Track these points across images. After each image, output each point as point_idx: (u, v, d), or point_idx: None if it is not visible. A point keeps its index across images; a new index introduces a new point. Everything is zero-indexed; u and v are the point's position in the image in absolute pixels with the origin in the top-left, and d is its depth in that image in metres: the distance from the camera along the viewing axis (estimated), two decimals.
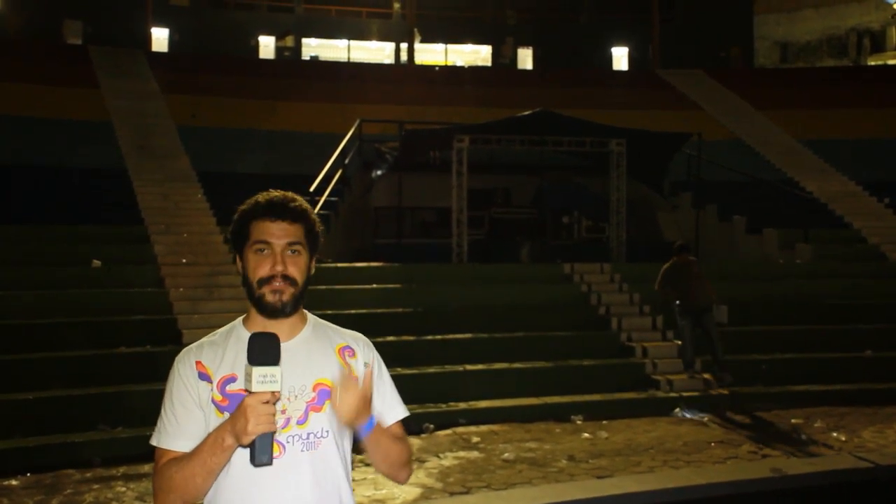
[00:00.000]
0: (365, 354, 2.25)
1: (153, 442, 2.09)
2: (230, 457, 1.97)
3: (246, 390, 1.91)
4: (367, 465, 2.20)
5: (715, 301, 10.58)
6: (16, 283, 10.37)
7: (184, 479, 1.98)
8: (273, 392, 1.89)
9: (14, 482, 7.20)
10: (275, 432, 1.93)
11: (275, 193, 2.15)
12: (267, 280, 2.09)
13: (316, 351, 2.17)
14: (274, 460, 1.95)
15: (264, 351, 1.92)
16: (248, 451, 1.93)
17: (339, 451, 2.13)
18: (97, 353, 9.30)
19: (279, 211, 2.11)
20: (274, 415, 1.90)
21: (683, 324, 10.54)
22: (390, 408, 2.30)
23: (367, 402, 2.06)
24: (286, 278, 2.09)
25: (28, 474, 7.36)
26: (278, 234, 2.10)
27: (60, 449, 7.78)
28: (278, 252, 2.09)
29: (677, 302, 10.55)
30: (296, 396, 2.08)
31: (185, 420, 2.07)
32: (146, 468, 7.38)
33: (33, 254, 11.42)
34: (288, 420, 2.05)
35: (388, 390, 2.30)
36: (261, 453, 1.91)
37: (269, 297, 2.09)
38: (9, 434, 7.89)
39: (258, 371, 1.88)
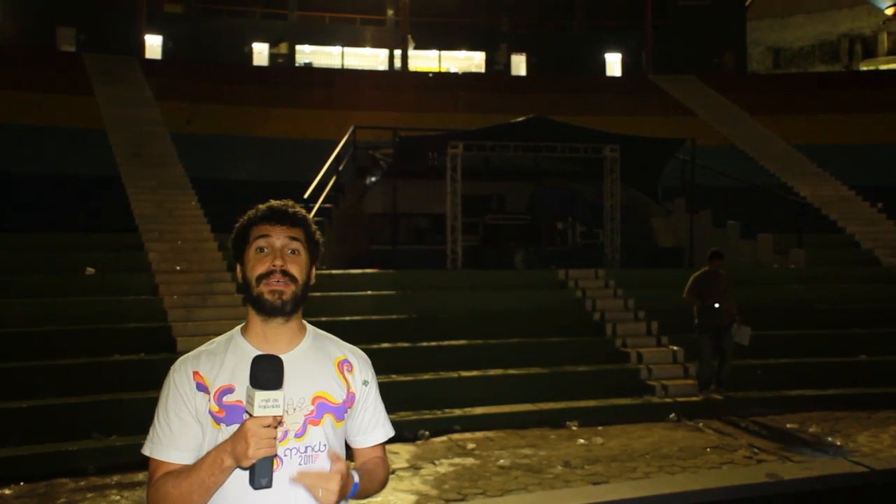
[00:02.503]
0: (363, 372, 2.24)
1: (145, 451, 2.06)
2: (228, 476, 1.95)
3: (247, 413, 1.89)
4: None
5: (737, 320, 10.23)
6: (9, 291, 10.34)
7: (180, 496, 1.95)
8: (275, 416, 1.87)
9: (7, 491, 7.16)
10: (275, 455, 1.91)
11: (275, 202, 2.19)
12: (266, 275, 2.09)
13: (315, 363, 2.15)
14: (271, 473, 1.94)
15: (267, 374, 1.89)
16: (247, 471, 1.92)
17: None
18: (91, 360, 9.27)
19: (280, 216, 2.14)
20: (275, 438, 1.88)
21: (704, 341, 10.21)
22: (383, 425, 2.29)
23: (347, 484, 2.02)
24: (285, 274, 2.09)
25: (21, 483, 7.32)
26: (278, 233, 2.12)
27: (54, 457, 7.74)
28: (278, 248, 2.11)
29: (696, 321, 10.24)
30: (294, 409, 2.06)
31: (179, 431, 2.04)
32: (140, 476, 7.35)
33: (27, 261, 11.39)
34: (286, 433, 2.03)
35: (380, 409, 2.29)
36: (260, 476, 1.89)
37: (268, 297, 2.08)
38: (2, 443, 7.85)
39: (260, 395, 1.86)
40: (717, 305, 10.08)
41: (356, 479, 2.08)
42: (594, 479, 7.42)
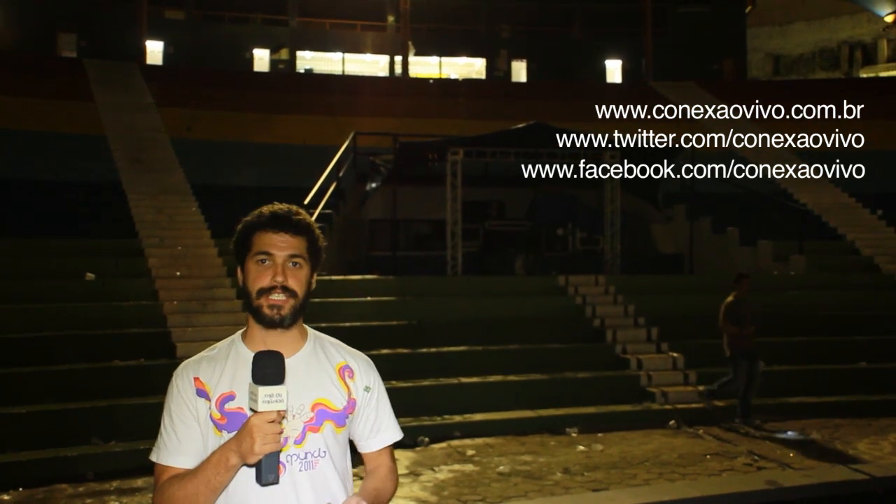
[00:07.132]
0: (366, 377, 2.23)
1: (153, 458, 2.07)
2: (234, 475, 1.95)
3: (251, 409, 1.89)
4: (362, 478, 2.18)
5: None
6: (9, 297, 10.34)
7: (186, 498, 1.95)
8: (279, 411, 1.87)
9: (6, 497, 7.16)
10: (281, 451, 1.91)
11: (279, 206, 2.15)
12: (266, 290, 2.07)
13: (316, 370, 2.15)
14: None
15: (269, 370, 1.90)
16: (251, 469, 1.92)
17: (338, 469, 2.12)
18: (91, 366, 9.27)
19: (282, 223, 2.10)
20: (281, 433, 1.89)
21: (742, 366, 9.68)
22: (387, 429, 2.28)
23: None
24: (286, 290, 2.07)
25: (20, 489, 7.31)
26: (280, 245, 2.09)
27: (53, 463, 7.73)
28: (279, 263, 2.08)
29: (728, 351, 9.76)
30: (294, 416, 2.06)
31: (185, 436, 2.05)
32: (140, 482, 7.35)
33: (27, 267, 11.38)
34: (286, 439, 2.03)
35: (386, 412, 2.28)
36: (267, 472, 1.89)
37: (267, 311, 2.07)
38: (1, 448, 7.85)
39: (264, 391, 1.86)
40: (728, 349, 9.72)
41: None
42: (594, 486, 7.41)
